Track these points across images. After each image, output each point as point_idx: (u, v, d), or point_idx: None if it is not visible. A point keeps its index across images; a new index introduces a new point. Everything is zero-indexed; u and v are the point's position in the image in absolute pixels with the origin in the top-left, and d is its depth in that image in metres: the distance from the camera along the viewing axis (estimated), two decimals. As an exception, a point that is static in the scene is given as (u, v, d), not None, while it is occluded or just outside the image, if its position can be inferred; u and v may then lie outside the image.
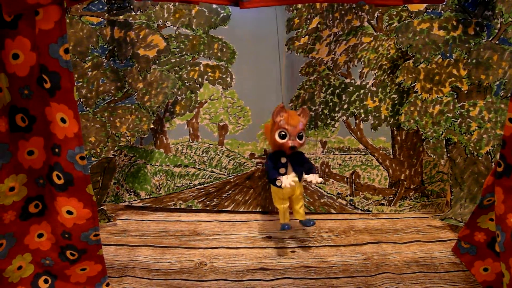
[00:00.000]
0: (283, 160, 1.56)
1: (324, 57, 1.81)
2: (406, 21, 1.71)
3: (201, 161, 1.96)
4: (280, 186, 1.52)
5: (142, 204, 2.00)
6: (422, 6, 1.68)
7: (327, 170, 1.97)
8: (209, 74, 1.85)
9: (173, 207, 2.00)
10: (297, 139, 1.53)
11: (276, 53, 1.77)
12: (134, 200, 1.99)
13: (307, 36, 1.78)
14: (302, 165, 1.58)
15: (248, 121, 1.92)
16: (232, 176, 1.98)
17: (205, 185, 1.98)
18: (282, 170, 1.55)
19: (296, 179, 1.54)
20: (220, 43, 1.80)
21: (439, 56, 1.69)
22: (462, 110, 1.73)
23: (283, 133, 1.51)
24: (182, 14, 1.74)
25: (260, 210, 2.00)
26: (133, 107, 1.77)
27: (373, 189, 1.99)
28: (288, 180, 1.47)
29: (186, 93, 1.86)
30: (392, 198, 2.00)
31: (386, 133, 1.92)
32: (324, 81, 1.84)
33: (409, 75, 1.76)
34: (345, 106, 1.88)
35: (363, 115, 1.89)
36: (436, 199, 2.00)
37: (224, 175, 1.98)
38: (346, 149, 1.95)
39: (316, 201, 1.99)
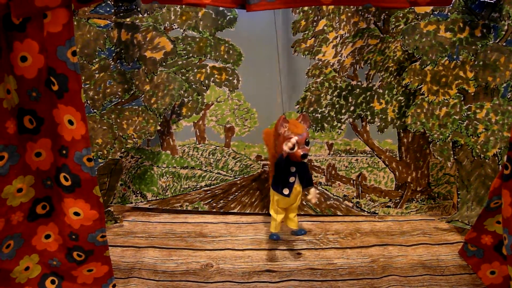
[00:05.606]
0: (293, 169, 1.51)
1: (330, 59, 1.81)
2: (413, 23, 1.70)
3: (208, 163, 1.96)
4: (288, 195, 1.51)
5: (149, 206, 2.00)
6: (428, 8, 1.67)
7: (333, 172, 1.97)
8: (216, 76, 1.85)
9: (179, 208, 2.00)
10: (305, 146, 1.47)
11: (283, 56, 1.78)
12: (141, 201, 2.00)
13: (313, 38, 1.78)
14: (305, 174, 1.55)
15: (254, 123, 1.92)
16: (239, 178, 1.98)
17: (212, 187, 1.99)
18: (292, 179, 1.52)
19: (301, 189, 1.55)
20: (226, 45, 1.81)
21: (446, 58, 1.69)
22: (469, 112, 1.72)
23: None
24: (188, 17, 1.75)
25: (267, 212, 1.99)
26: (140, 109, 1.78)
27: (379, 191, 1.98)
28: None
29: (192, 95, 1.87)
30: (398, 200, 1.99)
31: (392, 135, 1.91)
32: (330, 83, 1.84)
33: (416, 77, 1.75)
34: (352, 108, 1.88)
35: (369, 117, 1.89)
36: (443, 201, 1.99)
37: (231, 177, 1.98)
38: (352, 151, 1.94)
39: (322, 203, 1.99)
